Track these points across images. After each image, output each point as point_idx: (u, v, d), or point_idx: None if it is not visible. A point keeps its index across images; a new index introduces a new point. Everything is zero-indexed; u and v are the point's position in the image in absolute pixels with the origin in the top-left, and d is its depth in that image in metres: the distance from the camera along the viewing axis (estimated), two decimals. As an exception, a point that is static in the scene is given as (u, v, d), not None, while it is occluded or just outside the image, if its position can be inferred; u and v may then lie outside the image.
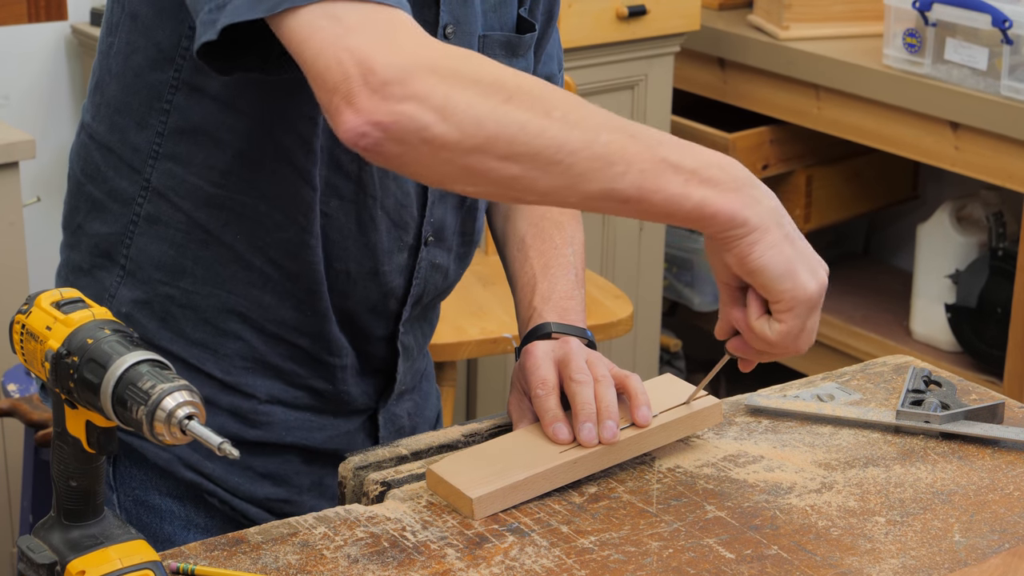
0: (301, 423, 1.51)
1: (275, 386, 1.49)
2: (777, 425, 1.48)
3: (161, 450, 1.48)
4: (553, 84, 1.48)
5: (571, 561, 1.24)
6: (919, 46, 2.99)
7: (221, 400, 1.47)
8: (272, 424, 1.50)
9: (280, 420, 1.50)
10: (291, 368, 1.48)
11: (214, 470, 1.49)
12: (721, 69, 3.41)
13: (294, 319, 1.46)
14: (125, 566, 1.12)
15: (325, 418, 1.52)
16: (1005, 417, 1.49)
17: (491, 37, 1.47)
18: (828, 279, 1.28)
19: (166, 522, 1.49)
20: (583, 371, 1.41)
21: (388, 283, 1.48)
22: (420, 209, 1.48)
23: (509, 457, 1.35)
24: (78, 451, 1.12)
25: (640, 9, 3.10)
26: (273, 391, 1.49)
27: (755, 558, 1.25)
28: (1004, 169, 2.90)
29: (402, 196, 1.45)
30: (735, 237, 1.23)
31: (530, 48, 1.53)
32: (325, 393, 1.51)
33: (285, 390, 1.49)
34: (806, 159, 3.46)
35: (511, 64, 1.49)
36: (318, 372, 1.49)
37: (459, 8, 1.42)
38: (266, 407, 1.49)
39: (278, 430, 1.50)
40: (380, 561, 1.23)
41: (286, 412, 1.50)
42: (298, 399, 1.50)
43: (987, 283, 3.15)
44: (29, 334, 1.12)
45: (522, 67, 1.51)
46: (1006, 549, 1.27)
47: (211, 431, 1.06)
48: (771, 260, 1.23)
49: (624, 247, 3.29)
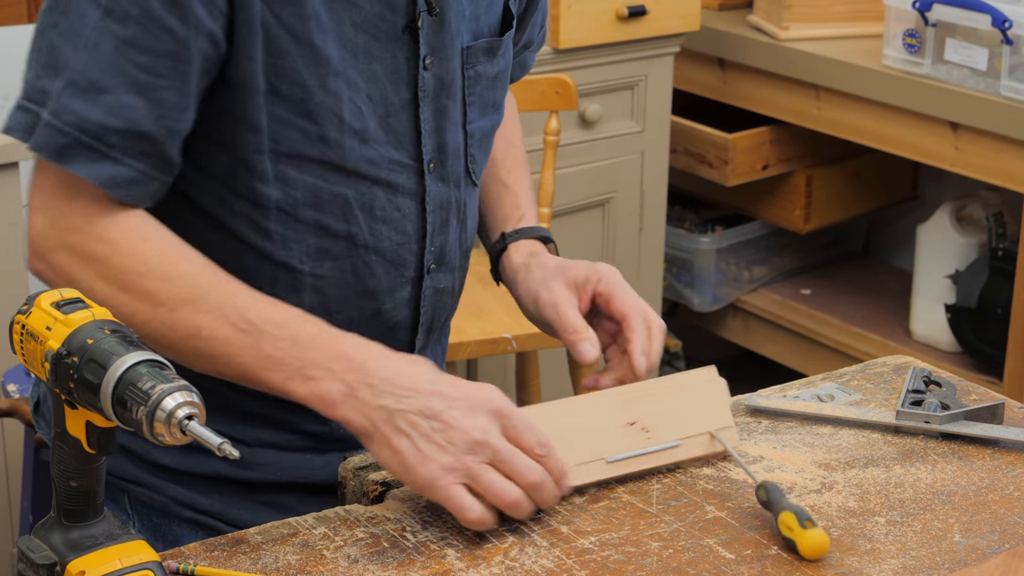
0: (299, 463, 1.49)
1: (264, 432, 1.47)
2: (777, 425, 1.48)
3: (154, 492, 1.47)
4: (530, 56, 1.65)
5: (571, 561, 1.24)
6: (919, 46, 2.99)
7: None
8: (266, 465, 1.48)
9: (274, 461, 1.48)
10: (280, 416, 1.46)
11: (211, 505, 1.47)
12: (721, 69, 3.41)
13: None
14: (125, 566, 1.12)
15: (329, 456, 1.49)
16: (1005, 417, 1.49)
17: (474, 48, 1.48)
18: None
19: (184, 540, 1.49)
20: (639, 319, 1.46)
21: (393, 319, 1.48)
22: (420, 242, 1.48)
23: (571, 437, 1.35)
24: (78, 451, 1.12)
25: (640, 9, 3.10)
26: (263, 436, 1.47)
27: (755, 558, 1.25)
28: (1004, 169, 2.89)
29: (398, 236, 1.45)
30: (354, 434, 1.27)
31: (507, 44, 1.54)
32: (321, 435, 1.49)
33: (277, 435, 1.47)
34: (806, 159, 3.46)
35: (492, 65, 1.51)
36: (310, 416, 1.44)
37: (434, 37, 1.42)
38: (257, 451, 1.47)
39: (272, 470, 1.48)
40: (380, 561, 1.23)
41: (279, 454, 1.48)
42: (292, 442, 1.48)
43: (987, 283, 3.15)
44: (29, 334, 1.12)
45: (502, 65, 1.53)
46: (1006, 549, 1.27)
47: (211, 431, 1.06)
48: (387, 460, 1.26)
49: (624, 247, 3.29)
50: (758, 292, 3.60)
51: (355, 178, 1.40)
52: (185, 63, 1.29)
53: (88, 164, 1.28)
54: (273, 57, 1.33)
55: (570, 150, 3.15)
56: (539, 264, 1.53)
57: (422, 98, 1.43)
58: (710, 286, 3.56)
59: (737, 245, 3.59)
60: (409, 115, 1.43)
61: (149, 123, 1.29)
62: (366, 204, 1.41)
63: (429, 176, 1.46)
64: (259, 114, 1.34)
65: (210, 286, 1.30)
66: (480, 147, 1.54)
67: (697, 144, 3.40)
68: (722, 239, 3.56)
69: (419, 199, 1.46)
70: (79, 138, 1.27)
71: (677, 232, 3.57)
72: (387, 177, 1.42)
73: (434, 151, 1.46)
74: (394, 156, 1.42)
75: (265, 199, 1.38)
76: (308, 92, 1.35)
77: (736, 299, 3.59)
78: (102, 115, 1.27)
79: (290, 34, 1.33)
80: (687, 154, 3.43)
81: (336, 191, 1.39)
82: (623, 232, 3.28)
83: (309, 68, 1.34)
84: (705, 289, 3.56)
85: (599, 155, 3.22)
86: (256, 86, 1.33)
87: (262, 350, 1.28)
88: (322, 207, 1.39)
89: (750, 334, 3.60)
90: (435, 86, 1.44)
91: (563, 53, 3.06)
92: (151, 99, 1.28)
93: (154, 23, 1.27)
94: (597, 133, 3.20)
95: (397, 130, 1.42)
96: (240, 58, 1.32)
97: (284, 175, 1.37)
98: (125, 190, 1.30)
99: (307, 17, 1.33)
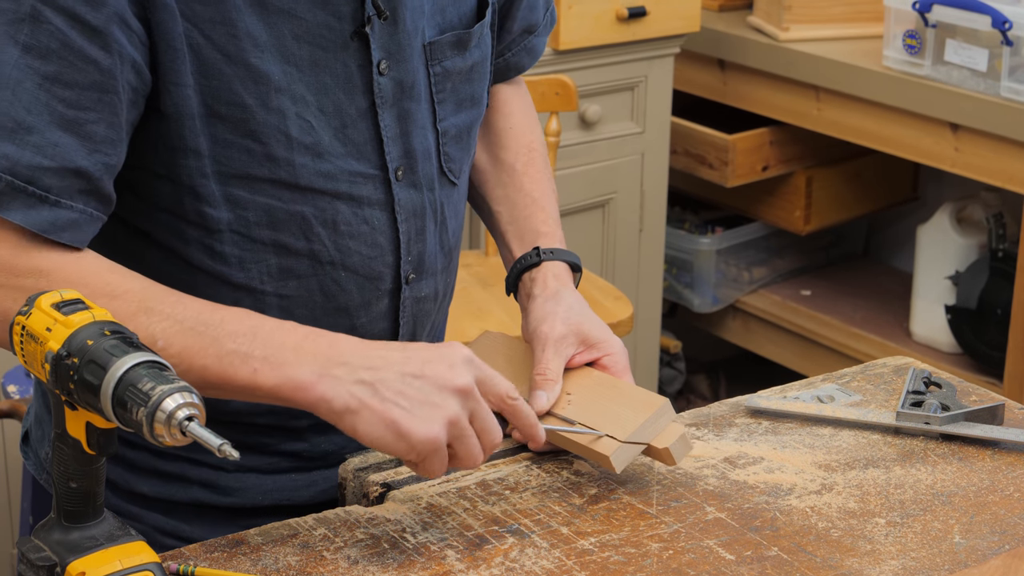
0: (281, 485, 1.46)
1: (243, 457, 1.42)
2: (777, 426, 1.48)
3: (135, 522, 1.44)
4: (538, 40, 1.58)
5: (571, 562, 1.24)
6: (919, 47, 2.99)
7: (190, 473, 1.44)
8: (246, 490, 1.45)
9: (254, 486, 1.45)
10: (255, 440, 1.43)
11: (194, 533, 1.44)
12: (721, 70, 3.41)
13: (246, 407, 1.40)
14: (125, 567, 1.12)
15: (312, 475, 1.47)
16: (1005, 418, 1.49)
17: (438, 43, 1.43)
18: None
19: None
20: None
21: (369, 333, 1.43)
22: (394, 253, 1.43)
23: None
24: (78, 453, 1.12)
25: (640, 10, 3.10)
26: (241, 461, 1.43)
27: (755, 559, 1.25)
28: (1004, 170, 2.89)
29: (369, 250, 1.40)
30: (331, 419, 1.23)
31: (482, 35, 1.48)
32: (302, 453, 1.46)
33: (256, 458, 1.44)
34: (806, 160, 3.46)
35: (464, 59, 1.45)
36: (288, 436, 1.44)
37: (388, 40, 1.37)
38: (236, 476, 1.44)
39: (253, 495, 1.45)
40: (380, 562, 1.23)
41: (260, 478, 1.45)
42: (272, 464, 1.45)
43: (987, 284, 3.15)
44: (29, 335, 1.12)
45: (477, 57, 1.47)
46: (1006, 550, 1.27)
47: (211, 432, 1.06)
48: (378, 434, 1.22)
49: (624, 248, 3.29)
50: (758, 293, 3.60)
51: (311, 194, 1.35)
52: (112, 94, 1.24)
53: (25, 211, 1.22)
54: (207, 79, 1.29)
55: (570, 151, 3.15)
56: (562, 298, 1.47)
57: (380, 105, 1.38)
58: (710, 287, 3.56)
59: (737, 246, 3.59)
60: (368, 124, 1.38)
61: (81, 159, 1.23)
62: (328, 220, 1.37)
63: (397, 184, 1.41)
64: (198, 139, 1.30)
65: (159, 297, 1.25)
66: (457, 145, 1.48)
67: (697, 145, 3.40)
68: (722, 240, 3.56)
69: (389, 209, 1.41)
70: (11, 183, 1.21)
71: (677, 233, 3.57)
72: (348, 190, 1.37)
73: (400, 157, 1.41)
74: (355, 167, 1.37)
75: (215, 222, 1.33)
76: (249, 112, 1.30)
77: (736, 300, 3.59)
78: (32, 155, 1.22)
79: (222, 54, 1.28)
80: (687, 155, 3.43)
81: (292, 209, 1.35)
82: (623, 233, 3.28)
83: (247, 87, 1.30)
84: (705, 290, 3.56)
85: (599, 156, 3.22)
86: (191, 111, 1.29)
87: (223, 347, 1.23)
88: (278, 226, 1.35)
89: (750, 335, 3.60)
90: (393, 91, 1.38)
91: (563, 54, 3.06)
92: (80, 134, 1.23)
93: (76, 56, 1.22)
94: (597, 134, 3.20)
95: (356, 140, 1.37)
96: (168, 86, 1.28)
97: (233, 196, 1.33)
98: (69, 234, 1.25)
99: (239, 36, 1.28)
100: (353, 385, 1.22)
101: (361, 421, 1.22)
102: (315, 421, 1.42)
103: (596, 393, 1.40)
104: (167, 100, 1.29)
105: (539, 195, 1.57)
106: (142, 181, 1.33)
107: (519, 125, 1.62)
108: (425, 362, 1.24)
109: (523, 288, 1.51)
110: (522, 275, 1.51)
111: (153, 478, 1.45)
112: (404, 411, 1.21)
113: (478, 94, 1.50)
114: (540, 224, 1.55)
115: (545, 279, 1.49)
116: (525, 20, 1.59)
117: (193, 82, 1.28)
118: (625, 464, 1.33)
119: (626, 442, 1.33)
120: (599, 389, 1.40)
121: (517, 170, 1.58)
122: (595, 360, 1.44)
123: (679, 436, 1.34)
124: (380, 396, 1.22)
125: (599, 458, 1.34)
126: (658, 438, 1.34)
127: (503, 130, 1.61)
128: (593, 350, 1.43)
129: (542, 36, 1.63)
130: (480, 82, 1.50)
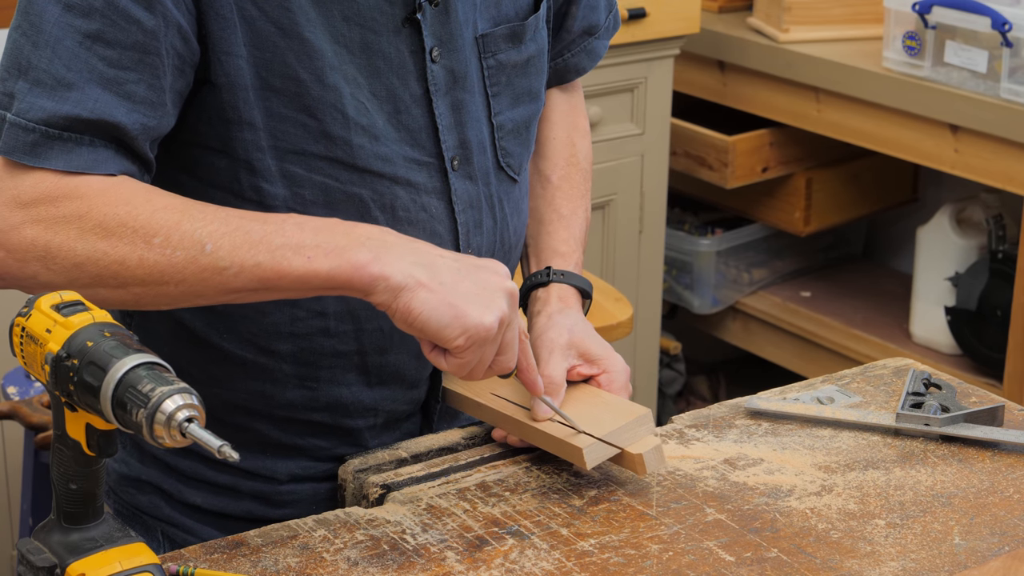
0: (334, 494, 1.44)
1: (297, 464, 1.43)
2: (777, 428, 1.48)
3: (188, 534, 1.44)
4: (599, 42, 1.58)
5: (571, 564, 1.24)
6: (919, 49, 2.99)
7: (242, 485, 1.44)
8: (300, 503, 1.44)
9: (308, 496, 1.45)
10: (311, 444, 1.43)
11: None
12: (721, 72, 3.41)
13: (302, 398, 1.41)
14: (125, 569, 1.12)
15: None
16: (1005, 420, 1.49)
17: (492, 35, 1.42)
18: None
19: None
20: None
21: None
22: (454, 243, 1.42)
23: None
24: (78, 454, 1.12)
25: (640, 12, 3.10)
26: (294, 470, 1.43)
27: (755, 561, 1.25)
28: (1004, 172, 2.89)
29: (428, 238, 1.38)
30: (386, 299, 1.23)
31: (537, 28, 1.47)
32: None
33: (309, 466, 1.44)
34: (806, 162, 3.46)
35: (519, 52, 1.45)
36: (344, 440, 1.44)
37: (440, 28, 1.37)
38: (289, 487, 1.44)
39: (307, 505, 1.44)
40: (380, 564, 1.23)
41: (316, 486, 1.45)
42: (328, 471, 1.45)
43: (987, 286, 3.15)
44: (29, 337, 1.12)
45: (532, 50, 1.47)
46: (1006, 552, 1.27)
47: (210, 434, 1.05)
48: (431, 312, 1.22)
49: (624, 250, 3.29)
50: (758, 294, 3.60)
51: (369, 176, 1.35)
52: (154, 55, 1.24)
53: (64, 156, 1.23)
54: (260, 51, 1.29)
55: (570, 152, 3.15)
56: (566, 316, 1.46)
57: (434, 92, 1.37)
58: (710, 288, 3.56)
59: (737, 247, 3.59)
60: (423, 111, 1.37)
61: (121, 115, 1.24)
62: (386, 204, 1.36)
63: (454, 174, 1.40)
64: (252, 111, 1.30)
65: (201, 207, 1.25)
66: (514, 139, 1.47)
67: (697, 146, 3.40)
68: (722, 241, 3.56)
69: (446, 198, 1.40)
70: (47, 132, 1.22)
71: (677, 234, 3.57)
72: (405, 175, 1.37)
73: (456, 147, 1.40)
74: (410, 153, 1.37)
75: (272, 198, 1.33)
76: (303, 86, 1.30)
77: (736, 301, 3.59)
78: (71, 108, 1.22)
79: (276, 27, 1.28)
80: (687, 156, 3.43)
81: (349, 191, 1.34)
82: (623, 234, 3.28)
83: (302, 61, 1.30)
84: (705, 291, 3.56)
85: (599, 157, 3.21)
86: (244, 82, 1.29)
87: (273, 242, 1.23)
88: (335, 207, 1.34)
89: (750, 336, 3.60)
90: (446, 79, 1.38)
91: (563, 55, 3.05)
92: (120, 93, 1.24)
93: (119, 15, 1.23)
94: (597, 135, 3.20)
95: (410, 127, 1.37)
96: (219, 56, 1.28)
97: (289, 173, 1.33)
98: (108, 166, 1.25)
99: (292, 9, 1.29)
100: (411, 266, 1.23)
101: (417, 299, 1.22)
102: (372, 422, 1.44)
103: (581, 400, 1.41)
104: (218, 70, 1.29)
105: (568, 212, 1.56)
106: (197, 158, 1.33)
107: (563, 136, 1.61)
108: (476, 265, 1.26)
109: (530, 305, 1.51)
110: (531, 292, 1.52)
111: (205, 489, 1.45)
112: (462, 296, 1.23)
113: (535, 88, 1.49)
114: (560, 243, 1.55)
115: (548, 299, 1.49)
116: (586, 20, 1.58)
117: (246, 53, 1.29)
118: (596, 463, 1.34)
119: (601, 440, 1.33)
120: (585, 397, 1.42)
121: (552, 183, 1.58)
122: (593, 376, 1.44)
123: (654, 447, 1.35)
124: (439, 279, 1.23)
125: (573, 452, 1.34)
126: (633, 445, 1.35)
127: (547, 139, 1.60)
128: (592, 365, 1.44)
129: (604, 39, 1.62)
130: (537, 76, 1.49)
